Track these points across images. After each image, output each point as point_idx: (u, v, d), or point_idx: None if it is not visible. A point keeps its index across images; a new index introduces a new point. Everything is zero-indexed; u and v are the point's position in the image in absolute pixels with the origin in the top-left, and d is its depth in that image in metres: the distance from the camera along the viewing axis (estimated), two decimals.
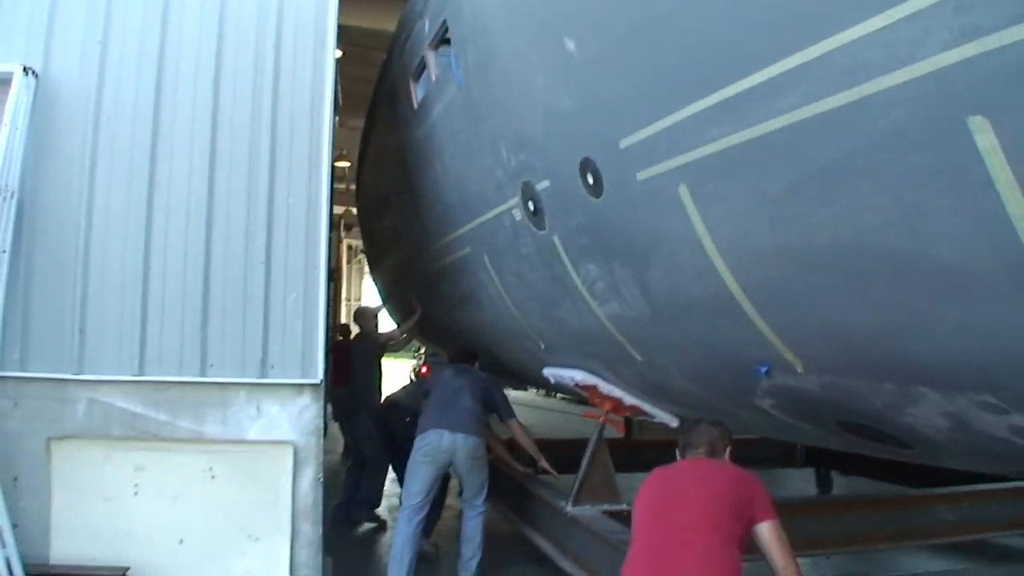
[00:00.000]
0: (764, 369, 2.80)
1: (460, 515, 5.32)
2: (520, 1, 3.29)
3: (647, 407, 4.29)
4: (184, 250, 4.77)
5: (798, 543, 4.74)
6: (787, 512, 5.16)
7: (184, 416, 4.62)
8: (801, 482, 8.07)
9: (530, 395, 19.76)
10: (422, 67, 5.12)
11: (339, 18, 12.39)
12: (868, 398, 2.54)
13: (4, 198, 4.61)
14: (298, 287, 4.79)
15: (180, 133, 4.86)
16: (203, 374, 4.67)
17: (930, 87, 1.69)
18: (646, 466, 6.65)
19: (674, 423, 4.42)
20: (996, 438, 2.27)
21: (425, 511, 5.02)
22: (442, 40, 4.62)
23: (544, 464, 5.40)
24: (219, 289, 4.76)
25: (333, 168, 16.02)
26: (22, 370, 4.54)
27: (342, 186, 19.93)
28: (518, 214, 4.02)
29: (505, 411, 5.38)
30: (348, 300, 33.35)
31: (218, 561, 4.54)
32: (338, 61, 13.74)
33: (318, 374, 4.68)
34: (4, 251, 4.60)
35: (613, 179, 2.90)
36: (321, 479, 4.67)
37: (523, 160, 3.75)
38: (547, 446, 6.03)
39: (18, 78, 4.64)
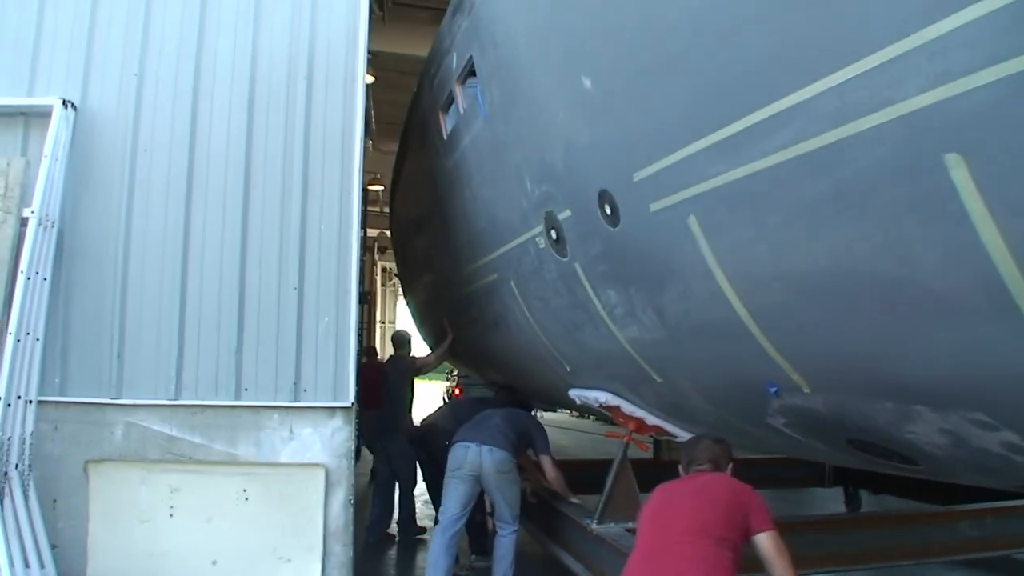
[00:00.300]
0: (774, 389, 3.00)
1: (493, 534, 5.51)
2: (541, 40, 3.60)
3: (668, 427, 4.52)
4: (219, 277, 5.04)
5: (822, 559, 4.99)
6: (813, 528, 5.41)
7: (218, 439, 4.86)
8: (830, 501, 8.26)
9: (563, 416, 19.93)
10: (451, 99, 5.45)
11: (370, 44, 12.99)
12: (871, 416, 2.73)
13: (45, 227, 4.90)
14: (330, 312, 5.04)
15: (215, 163, 5.16)
16: (237, 398, 4.92)
17: (908, 126, 1.93)
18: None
19: None
20: (992, 454, 2.45)
21: (459, 526, 5.22)
22: (469, 73, 4.94)
23: (572, 499, 5.51)
24: (253, 315, 5.02)
25: (366, 191, 16.54)
26: (61, 395, 4.82)
27: (376, 209, 20.58)
28: (542, 242, 4.29)
29: (541, 446, 5.56)
30: (383, 322, 33.89)
31: None
32: (370, 86, 14.47)
33: (349, 397, 4.91)
34: (45, 279, 4.89)
35: (628, 210, 3.15)
36: (352, 501, 4.88)
37: (545, 190, 4.03)
38: (575, 467, 6.30)
39: (57, 111, 4.95)
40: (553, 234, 4.05)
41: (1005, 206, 1.78)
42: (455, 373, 22.43)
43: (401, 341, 8.37)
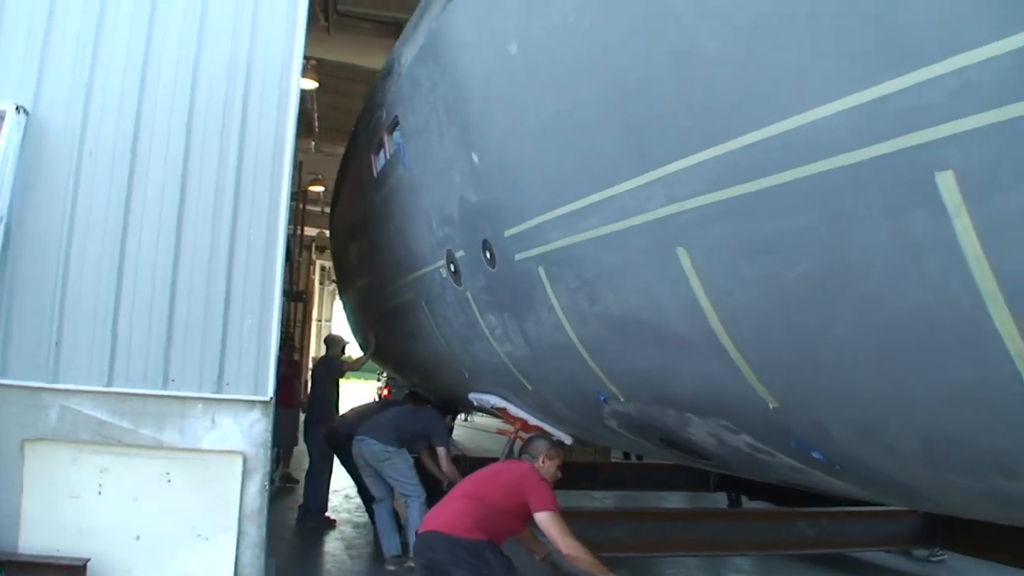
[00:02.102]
0: (603, 397, 4.34)
1: None
2: (443, 117, 4.93)
3: (546, 426, 5.87)
4: (152, 275, 5.62)
5: (681, 544, 6.39)
6: (677, 517, 6.83)
7: (146, 425, 5.45)
8: (714, 505, 9.77)
9: (485, 419, 21.34)
10: (380, 144, 6.75)
11: (316, 53, 13.99)
12: (663, 420, 4.07)
13: None
14: (254, 313, 5.66)
15: (155, 169, 5.72)
16: (165, 388, 5.51)
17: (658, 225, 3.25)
18: (572, 483, 8.43)
19: (568, 440, 6.02)
20: (743, 451, 3.80)
21: (388, 499, 6.94)
22: (395, 125, 6.21)
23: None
24: (183, 311, 5.60)
25: (306, 193, 17.66)
26: (2, 377, 5.37)
27: (316, 208, 21.77)
28: (444, 272, 5.62)
29: (437, 440, 7.16)
30: (319, 320, 34.75)
31: (171, 557, 5.33)
32: (315, 92, 15.57)
33: (268, 392, 5.57)
34: None
35: (501, 257, 4.49)
36: (267, 487, 5.55)
37: (447, 233, 5.35)
38: (471, 461, 7.73)
39: (10, 115, 5.47)
40: (452, 267, 5.40)
41: (715, 286, 3.09)
42: (384, 375, 23.57)
43: (333, 343, 9.71)
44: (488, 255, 4.63)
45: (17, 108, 5.76)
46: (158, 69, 5.98)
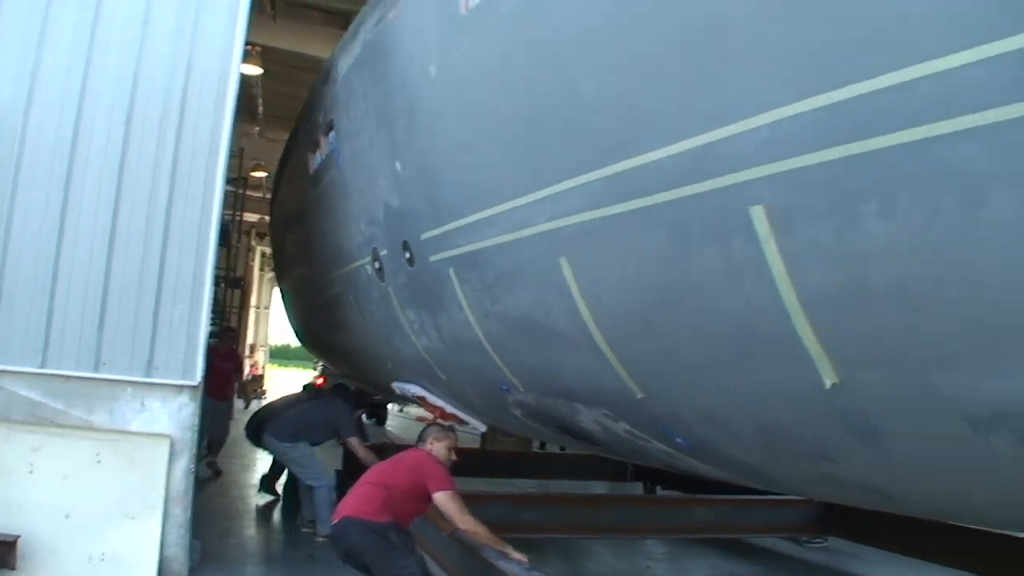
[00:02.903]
0: (506, 388, 4.85)
1: None
2: (371, 127, 5.38)
3: (462, 414, 6.37)
4: (88, 260, 5.80)
5: (590, 528, 6.93)
6: (587, 503, 7.37)
7: (77, 406, 5.64)
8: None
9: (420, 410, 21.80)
10: (317, 145, 7.14)
11: (265, 39, 14.18)
12: (558, 409, 4.58)
13: None
14: (185, 300, 5.85)
15: (94, 154, 5.89)
16: (96, 371, 5.70)
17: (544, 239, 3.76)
18: (494, 472, 8.93)
19: (483, 429, 6.53)
20: (622, 437, 4.32)
21: (324, 479, 7.38)
22: (331, 128, 6.62)
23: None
24: (116, 297, 5.79)
25: (247, 179, 17.82)
26: None
27: (258, 194, 21.89)
28: (369, 269, 6.05)
29: (346, 432, 7.60)
30: (257, 307, 34.74)
31: (99, 534, 5.48)
32: (261, 78, 15.78)
33: (196, 377, 5.80)
34: None
35: (418, 258, 4.96)
36: (193, 469, 5.78)
37: (373, 232, 5.79)
38: (395, 449, 8.18)
39: None
40: (377, 265, 5.85)
41: (589, 292, 3.58)
42: (320, 364, 23.81)
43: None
44: (408, 255, 5.09)
45: None
46: (102, 55, 6.11)
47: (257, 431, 8.44)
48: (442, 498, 4.62)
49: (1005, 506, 3.10)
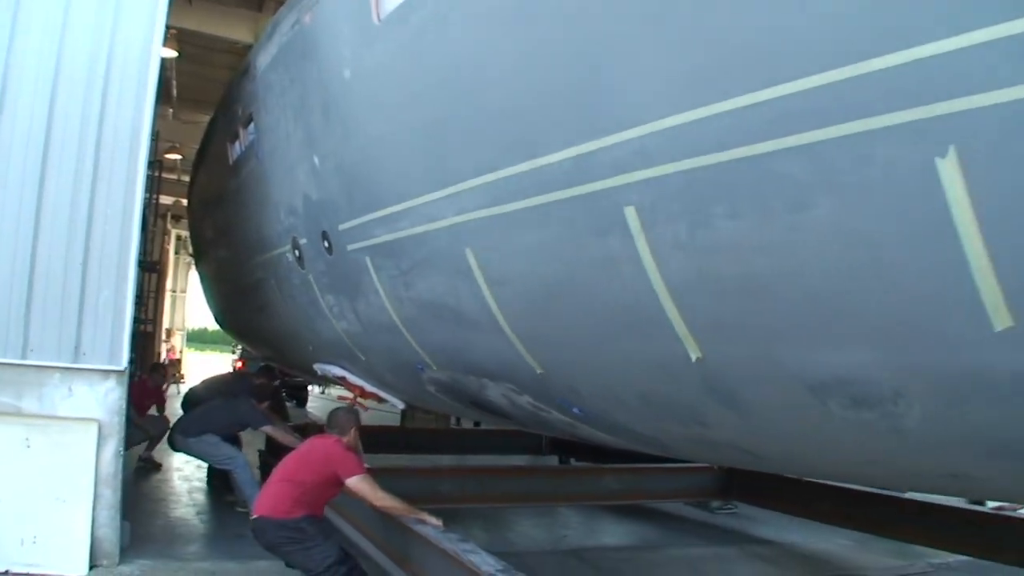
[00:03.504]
0: (420, 367, 5.24)
1: None
2: (290, 120, 5.65)
3: (382, 393, 6.74)
4: (14, 249, 5.81)
5: (504, 497, 7.40)
6: (501, 473, 7.83)
7: (5, 392, 5.70)
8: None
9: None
10: (236, 135, 7.32)
11: (180, 22, 13.94)
12: (468, 385, 5.00)
13: None
14: (110, 287, 5.91)
15: (17, 145, 5.91)
16: (24, 357, 5.76)
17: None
18: (415, 448, 9.29)
19: (401, 406, 6.93)
20: (527, 410, 4.76)
21: (237, 460, 7.65)
22: (250, 120, 6.83)
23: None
24: (42, 283, 5.82)
25: (162, 162, 17.50)
26: None
27: (173, 176, 21.51)
28: (290, 257, 6.34)
29: (257, 423, 7.89)
30: (174, 291, 33.99)
31: (30, 518, 5.57)
32: (176, 60, 15.59)
33: (123, 362, 5.90)
34: None
35: (336, 246, 5.28)
36: (122, 452, 5.86)
37: (292, 222, 6.09)
38: (316, 429, 8.50)
39: None
40: (297, 252, 6.15)
41: (493, 278, 3.98)
42: (239, 348, 23.70)
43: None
44: (327, 244, 5.41)
45: None
46: (24, 39, 6.09)
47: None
48: (355, 482, 4.94)
49: (851, 463, 3.66)
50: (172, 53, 14.52)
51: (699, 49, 2.76)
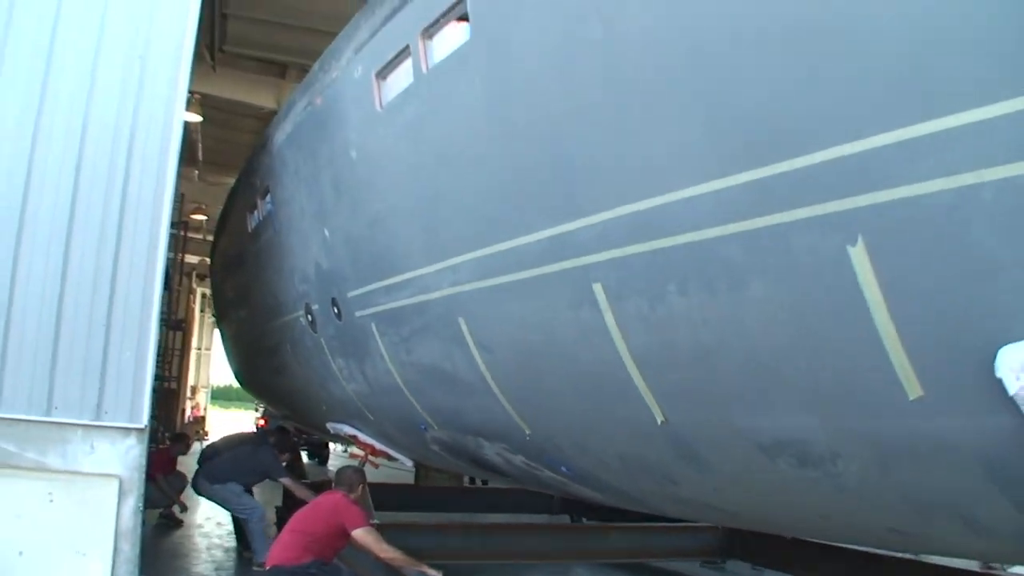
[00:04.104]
0: (423, 427, 5.66)
1: None
2: (302, 195, 6.22)
3: (391, 451, 7.14)
4: (40, 309, 5.99)
5: (510, 555, 7.64)
6: (503, 530, 8.07)
7: (29, 448, 5.79)
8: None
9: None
10: (255, 206, 7.94)
11: (205, 88, 14.59)
12: (467, 445, 5.38)
13: None
14: (132, 348, 6.06)
15: (45, 202, 6.11)
16: (48, 414, 5.87)
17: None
18: (428, 507, 9.52)
19: (409, 464, 7.32)
20: (522, 468, 5.12)
21: (256, 512, 7.96)
22: (267, 192, 7.43)
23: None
24: (66, 344, 5.98)
25: (187, 223, 18.16)
26: None
27: (199, 236, 22.38)
28: (303, 321, 6.85)
29: (276, 474, 8.26)
30: (199, 349, 34.76)
31: (52, 571, 5.67)
32: (203, 124, 16.37)
33: (143, 420, 5.99)
34: None
35: (345, 312, 5.77)
36: (141, 507, 5.96)
37: (305, 289, 6.62)
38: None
39: None
40: (309, 317, 6.65)
41: (482, 345, 4.38)
42: (262, 406, 24.18)
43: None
44: (336, 310, 5.90)
45: None
46: (53, 103, 6.35)
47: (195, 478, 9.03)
48: (360, 534, 5.35)
49: (807, 518, 3.97)
50: (196, 118, 15.28)
51: (653, 148, 3.19)
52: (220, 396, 53.94)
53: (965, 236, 2.38)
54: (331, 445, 20.70)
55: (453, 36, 4.01)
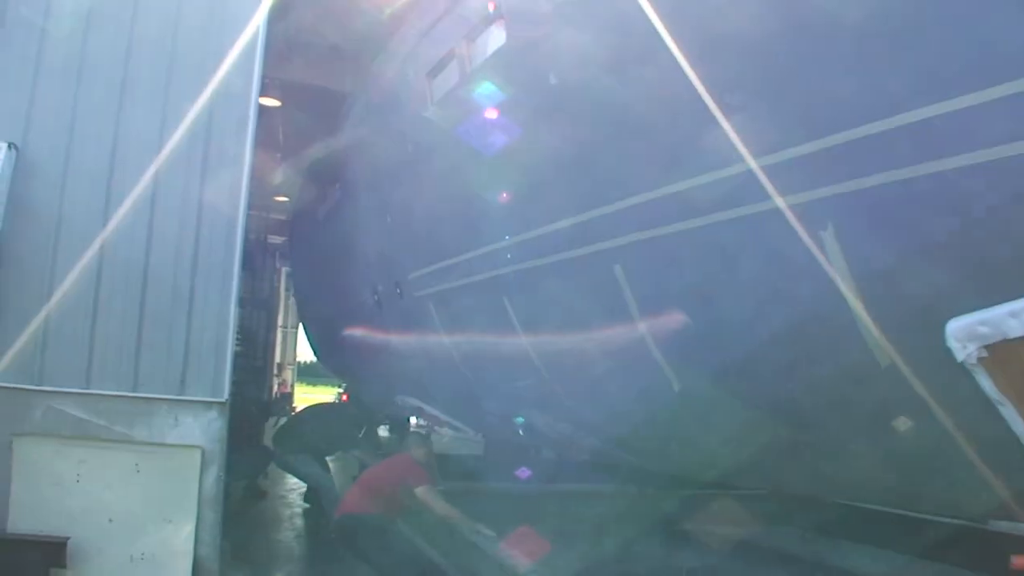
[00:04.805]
0: (479, 398, 6.00)
1: None
2: (366, 190, 6.64)
3: (454, 421, 7.62)
4: (125, 291, 6.37)
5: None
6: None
7: (118, 422, 6.17)
8: None
9: None
10: (326, 194, 8.45)
11: (285, 74, 14.89)
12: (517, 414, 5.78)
13: None
14: (212, 326, 6.44)
15: (128, 196, 6.38)
16: (135, 390, 6.22)
17: None
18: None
19: (472, 433, 7.74)
20: (568, 436, 5.34)
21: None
22: (336, 182, 7.99)
23: None
24: (151, 323, 6.35)
25: (272, 203, 18.60)
26: None
27: (282, 217, 23.04)
28: (371, 301, 7.33)
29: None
30: (283, 327, 35.82)
31: (139, 536, 6.05)
32: (278, 109, 16.68)
33: (224, 394, 6.34)
34: None
35: (407, 293, 6.16)
36: (223, 477, 6.26)
37: (372, 272, 7.15)
38: None
39: (3, 152, 6.24)
40: (376, 298, 7.10)
41: (523, 323, 4.62)
42: (343, 385, 24.91)
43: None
44: (399, 291, 6.28)
45: (9, 145, 6.52)
46: (131, 110, 6.67)
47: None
48: (421, 491, 5.82)
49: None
50: (274, 103, 15.70)
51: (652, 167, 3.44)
52: (307, 373, 55.49)
53: (917, 226, 2.67)
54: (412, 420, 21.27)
55: (493, 39, 4.27)
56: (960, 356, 2.66)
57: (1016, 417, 2.72)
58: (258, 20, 6.94)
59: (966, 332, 2.64)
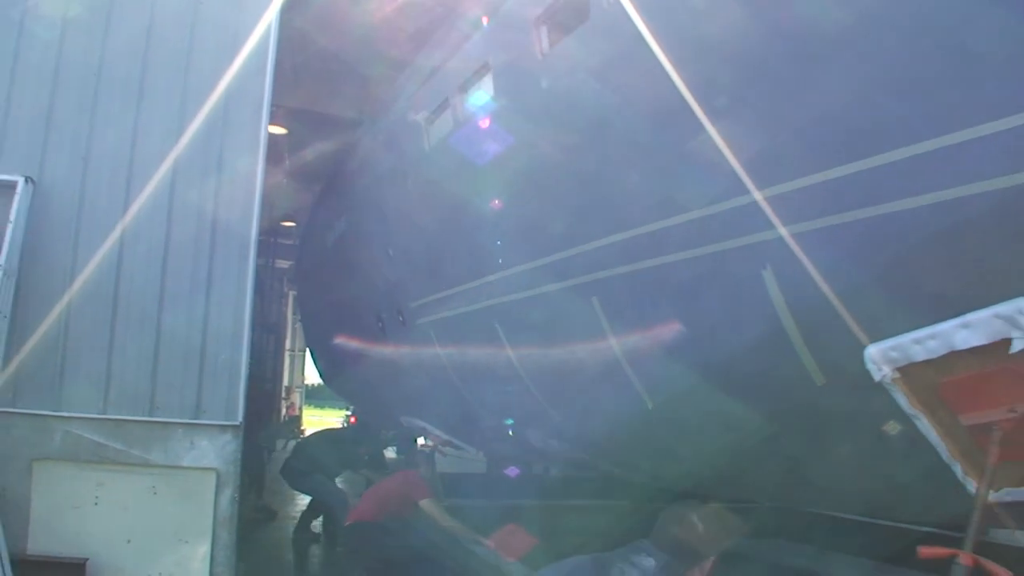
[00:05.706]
0: (477, 417, 6.44)
1: None
2: (369, 221, 7.14)
3: (455, 440, 8.05)
4: (141, 319, 6.54)
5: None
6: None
7: (135, 446, 6.37)
8: None
9: None
10: (333, 223, 9.02)
11: (290, 102, 15.22)
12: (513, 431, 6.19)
13: (8, 277, 6.26)
14: (226, 351, 6.60)
15: (143, 229, 6.63)
16: (151, 415, 6.41)
17: None
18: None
19: (473, 452, 8.17)
20: (561, 450, 5.74)
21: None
22: (343, 213, 8.54)
23: None
24: (166, 349, 6.54)
25: (280, 228, 19.03)
26: (13, 407, 6.28)
27: (289, 241, 23.37)
28: (374, 327, 7.80)
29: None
30: (291, 350, 36.01)
31: (156, 557, 6.23)
32: (289, 136, 17.00)
33: (238, 417, 6.53)
34: (5, 316, 6.23)
35: (409, 320, 6.63)
36: (237, 498, 6.43)
37: (376, 300, 7.61)
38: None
39: (20, 185, 6.40)
40: (380, 324, 7.55)
41: (513, 346, 5.05)
42: (351, 408, 25.24)
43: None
44: (401, 318, 6.74)
45: (26, 179, 6.69)
46: (145, 139, 6.85)
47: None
48: (425, 504, 6.32)
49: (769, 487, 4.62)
50: (280, 130, 16.04)
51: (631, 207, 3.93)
52: (314, 395, 55.77)
53: (840, 263, 3.13)
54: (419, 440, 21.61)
55: (482, 92, 4.71)
56: (877, 377, 3.12)
57: (930, 429, 3.16)
58: (269, 45, 7.09)
59: (881, 356, 3.11)
